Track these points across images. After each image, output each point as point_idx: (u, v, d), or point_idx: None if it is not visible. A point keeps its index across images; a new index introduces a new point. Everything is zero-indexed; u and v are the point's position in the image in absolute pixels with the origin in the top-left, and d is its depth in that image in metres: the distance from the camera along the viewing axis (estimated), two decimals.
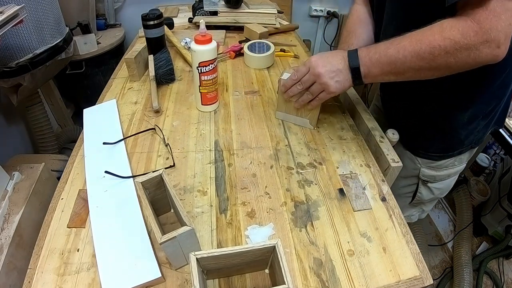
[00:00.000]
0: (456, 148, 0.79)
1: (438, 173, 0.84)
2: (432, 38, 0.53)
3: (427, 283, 0.50)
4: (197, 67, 0.74)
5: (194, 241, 0.47)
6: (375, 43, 0.63)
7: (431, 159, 0.82)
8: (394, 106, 0.88)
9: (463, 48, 0.51)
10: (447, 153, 0.80)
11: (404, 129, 0.80)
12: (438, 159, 0.81)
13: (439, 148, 0.80)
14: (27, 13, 0.90)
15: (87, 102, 0.88)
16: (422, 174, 0.85)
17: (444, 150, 0.80)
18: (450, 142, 0.78)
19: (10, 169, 0.83)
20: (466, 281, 1.34)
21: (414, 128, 0.81)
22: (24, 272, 0.49)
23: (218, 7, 1.33)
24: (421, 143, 0.81)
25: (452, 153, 0.80)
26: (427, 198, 0.90)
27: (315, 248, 0.54)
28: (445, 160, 0.81)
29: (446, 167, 0.83)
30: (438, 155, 0.81)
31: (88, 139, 0.73)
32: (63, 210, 0.58)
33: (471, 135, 0.76)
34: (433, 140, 0.79)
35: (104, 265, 0.49)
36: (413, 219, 1.02)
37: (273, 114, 0.83)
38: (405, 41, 0.56)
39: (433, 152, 0.81)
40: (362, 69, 0.61)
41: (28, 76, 1.14)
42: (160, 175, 0.51)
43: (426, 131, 0.79)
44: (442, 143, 0.78)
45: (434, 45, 0.52)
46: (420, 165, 0.84)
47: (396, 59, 0.57)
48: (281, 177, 0.66)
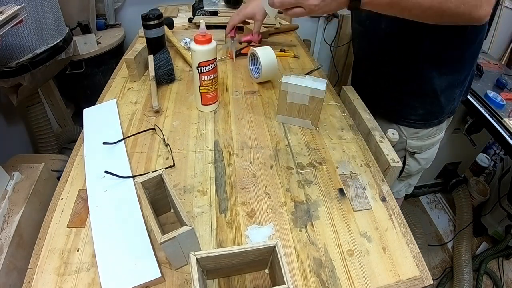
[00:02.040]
0: (437, 116, 0.85)
1: (423, 142, 0.90)
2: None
3: (427, 283, 0.50)
4: (197, 67, 0.74)
5: (194, 241, 0.47)
6: None
7: (414, 127, 0.87)
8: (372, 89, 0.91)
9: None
10: (428, 121, 0.86)
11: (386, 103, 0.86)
12: (421, 127, 0.87)
13: (420, 115, 0.85)
14: (27, 13, 0.90)
15: (87, 102, 0.88)
16: (409, 146, 0.90)
17: (426, 117, 0.85)
18: (431, 109, 0.83)
19: (10, 169, 0.83)
20: (466, 281, 1.35)
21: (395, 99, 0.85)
22: (24, 272, 0.49)
23: (218, 7, 1.33)
24: (403, 112, 0.86)
25: (433, 121, 0.86)
26: (415, 169, 0.96)
27: (315, 248, 0.54)
28: (428, 129, 0.87)
29: (429, 136, 0.89)
30: (420, 123, 0.86)
31: (88, 139, 0.73)
32: (63, 210, 0.58)
33: (449, 103, 0.83)
34: (414, 107, 0.84)
35: (104, 265, 0.49)
36: (401, 195, 1.07)
37: (273, 114, 0.83)
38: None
39: (414, 120, 0.86)
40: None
41: (28, 76, 1.14)
42: (160, 175, 0.51)
43: (407, 100, 0.84)
44: (423, 109, 0.83)
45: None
46: (406, 137, 0.88)
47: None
48: (281, 177, 0.66)
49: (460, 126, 1.37)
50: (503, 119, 1.06)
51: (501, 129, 1.05)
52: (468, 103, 1.18)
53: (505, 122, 1.04)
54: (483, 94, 1.16)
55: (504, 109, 1.11)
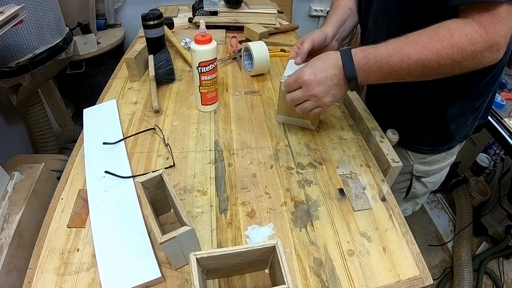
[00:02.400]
0: (446, 143, 0.80)
1: (430, 167, 0.85)
2: (440, 46, 0.50)
3: (427, 283, 0.50)
4: (197, 67, 0.74)
5: (194, 241, 0.47)
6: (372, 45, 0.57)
7: (422, 153, 0.83)
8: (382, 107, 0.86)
9: (469, 55, 0.49)
10: (437, 147, 0.81)
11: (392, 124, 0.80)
12: (429, 153, 0.82)
13: (428, 142, 0.80)
14: (27, 13, 0.90)
15: (87, 102, 0.88)
16: (415, 170, 0.86)
17: (434, 144, 0.81)
18: (440, 136, 0.79)
19: (10, 169, 0.83)
20: (466, 281, 1.35)
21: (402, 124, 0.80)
22: (24, 272, 0.49)
23: (218, 7, 1.33)
24: (411, 137, 0.82)
25: (442, 147, 0.81)
26: (421, 192, 0.92)
27: (315, 248, 0.54)
28: (437, 155, 0.82)
29: (438, 161, 0.84)
30: (429, 149, 0.81)
31: (88, 139, 0.73)
32: (63, 210, 0.58)
33: (460, 130, 0.77)
34: (423, 134, 0.80)
35: (104, 265, 0.49)
36: (407, 213, 1.04)
37: (273, 114, 0.83)
38: (409, 47, 0.52)
39: (423, 146, 0.82)
40: (359, 77, 0.57)
41: (28, 76, 1.14)
42: (160, 175, 0.51)
43: (416, 127, 0.79)
44: (432, 137, 0.79)
45: (441, 54, 0.50)
46: (413, 162, 0.85)
47: (400, 69, 0.54)
48: (281, 177, 0.66)
49: None
50: (503, 119, 1.06)
51: (501, 129, 1.05)
52: None
53: (505, 122, 1.05)
54: None
55: (504, 109, 1.11)
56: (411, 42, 0.53)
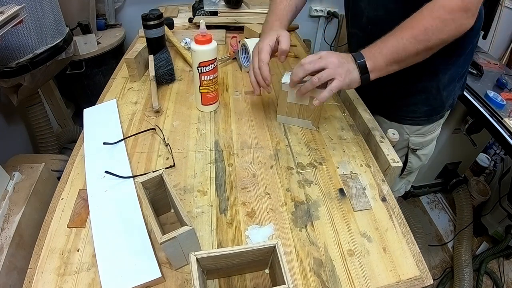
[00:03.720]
0: (439, 111, 0.87)
1: (424, 139, 0.92)
2: (424, 21, 0.58)
3: (427, 283, 0.50)
4: (197, 67, 0.74)
5: (194, 241, 0.47)
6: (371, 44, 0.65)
7: (418, 124, 0.88)
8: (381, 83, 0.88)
9: (450, 22, 0.57)
10: (431, 116, 0.88)
11: (389, 103, 0.88)
12: (425, 123, 0.89)
13: (423, 111, 0.86)
14: (27, 13, 0.90)
15: (87, 102, 0.88)
16: (411, 143, 0.91)
17: (429, 113, 0.87)
18: (434, 104, 0.85)
19: (10, 169, 0.83)
20: (466, 281, 1.35)
21: (399, 98, 0.86)
22: (24, 272, 0.49)
23: (218, 7, 1.33)
24: (407, 111, 0.87)
25: (436, 116, 0.88)
26: (416, 166, 0.98)
27: (315, 248, 0.54)
28: (430, 125, 0.89)
29: (430, 132, 0.91)
30: (425, 119, 0.88)
31: (88, 139, 0.73)
32: (63, 210, 0.58)
33: (449, 97, 0.86)
34: (418, 104, 0.85)
35: (104, 265, 0.49)
36: (401, 192, 1.10)
37: (274, 114, 0.83)
38: (400, 30, 0.61)
39: (419, 117, 0.87)
40: (368, 63, 0.64)
41: (28, 76, 1.14)
42: (160, 175, 0.51)
43: (412, 98, 0.85)
44: (427, 105, 0.85)
45: (427, 27, 0.58)
46: (408, 135, 0.90)
47: (397, 48, 0.61)
48: (281, 177, 0.66)
49: (460, 126, 1.37)
50: (503, 119, 1.06)
51: (501, 129, 1.05)
52: (468, 103, 1.18)
53: (505, 122, 1.04)
54: (483, 94, 1.16)
55: (504, 109, 1.11)
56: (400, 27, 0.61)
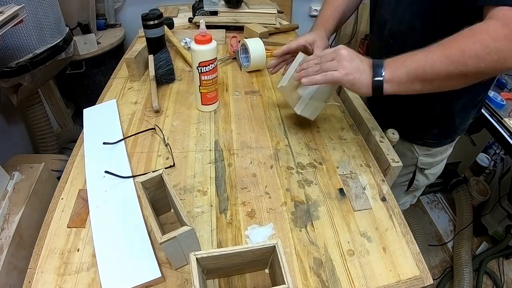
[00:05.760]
0: (450, 135, 0.85)
1: (434, 159, 0.89)
2: (462, 43, 0.51)
3: (427, 283, 0.50)
4: (197, 67, 0.74)
5: (194, 241, 0.47)
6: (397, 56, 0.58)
7: (427, 146, 0.87)
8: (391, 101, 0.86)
9: (493, 51, 0.49)
10: (441, 139, 0.86)
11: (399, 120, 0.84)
12: (435, 146, 0.86)
13: (435, 135, 0.85)
14: (27, 13, 0.90)
15: (87, 102, 0.88)
16: (420, 163, 0.89)
17: (440, 137, 0.85)
18: (446, 129, 0.83)
19: (10, 169, 0.83)
20: (466, 281, 1.35)
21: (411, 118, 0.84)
22: (24, 272, 0.49)
23: (218, 7, 1.33)
24: (418, 133, 0.86)
25: (446, 140, 0.86)
26: (423, 184, 0.96)
27: (315, 248, 0.54)
28: (441, 147, 0.87)
29: (441, 153, 0.89)
30: (435, 142, 0.86)
31: (88, 139, 0.73)
32: (63, 210, 0.58)
33: (463, 122, 0.83)
34: (430, 128, 0.84)
35: (104, 265, 0.49)
36: (406, 206, 1.08)
37: (274, 114, 0.83)
38: (433, 47, 0.54)
39: (429, 139, 0.86)
40: (386, 71, 0.57)
41: (28, 76, 1.14)
42: (160, 175, 0.51)
43: (424, 122, 0.83)
44: (439, 130, 0.83)
45: (464, 49, 0.51)
46: (418, 154, 0.88)
47: (425, 63, 0.54)
48: (281, 177, 0.66)
49: None
50: (503, 119, 1.06)
51: (501, 129, 1.05)
52: None
53: (505, 122, 1.04)
54: None
55: (504, 109, 1.11)
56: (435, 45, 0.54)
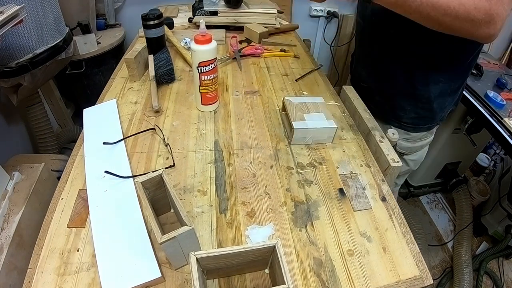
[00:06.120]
0: (427, 121, 0.88)
1: (413, 144, 0.92)
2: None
3: (427, 283, 0.50)
4: (197, 67, 0.74)
5: (194, 241, 0.47)
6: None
7: (404, 129, 0.88)
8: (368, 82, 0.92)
9: (470, 19, 0.55)
10: (418, 125, 0.88)
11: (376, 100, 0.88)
12: (411, 131, 0.89)
13: (411, 118, 0.86)
14: (27, 13, 0.90)
15: (87, 102, 0.88)
16: (399, 147, 0.91)
17: (416, 121, 0.87)
18: (422, 113, 0.85)
19: (10, 169, 0.83)
20: (466, 281, 1.35)
21: (388, 98, 0.87)
22: (24, 272, 0.49)
23: (218, 7, 1.33)
24: (394, 113, 0.88)
25: (423, 126, 0.88)
26: (403, 170, 0.98)
27: (315, 248, 0.54)
28: (418, 133, 0.89)
29: (420, 138, 0.91)
30: (411, 126, 0.87)
31: (88, 139, 0.73)
32: (63, 210, 0.58)
33: (440, 110, 0.85)
34: (406, 110, 0.85)
35: (104, 265, 0.49)
36: None
37: (273, 114, 0.83)
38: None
39: (405, 123, 0.87)
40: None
41: (28, 76, 1.14)
42: (160, 175, 0.51)
43: (400, 102, 0.85)
44: (415, 113, 0.85)
45: (450, 5, 0.55)
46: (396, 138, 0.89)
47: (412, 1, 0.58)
48: (281, 177, 0.66)
49: (460, 126, 1.37)
50: (503, 119, 1.06)
51: (501, 129, 1.05)
52: (468, 103, 1.18)
53: (505, 122, 1.04)
54: (483, 94, 1.16)
55: (504, 109, 1.11)
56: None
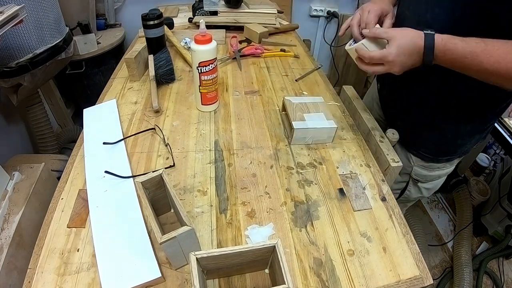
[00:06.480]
0: (446, 154, 0.81)
1: (430, 173, 0.85)
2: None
3: (427, 283, 0.50)
4: (197, 67, 0.74)
5: (194, 241, 0.47)
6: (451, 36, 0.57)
7: (421, 159, 0.83)
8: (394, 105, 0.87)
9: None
10: (437, 157, 0.81)
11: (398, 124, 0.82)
12: (428, 161, 0.82)
13: (431, 149, 0.81)
14: (27, 13, 0.90)
15: (87, 102, 0.88)
16: (414, 173, 0.86)
17: (436, 153, 0.81)
18: (444, 148, 0.80)
19: (10, 169, 0.83)
20: (466, 281, 1.34)
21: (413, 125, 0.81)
22: (24, 272, 0.49)
23: (218, 7, 1.33)
24: (415, 141, 0.82)
25: (442, 158, 0.82)
26: (414, 196, 0.92)
27: (315, 248, 0.54)
28: (436, 163, 0.83)
29: (438, 168, 0.84)
30: (429, 157, 0.82)
31: (88, 139, 0.73)
32: (63, 210, 0.58)
33: (463, 146, 0.79)
34: (428, 140, 0.80)
35: (104, 265, 0.49)
36: None
37: (273, 114, 0.83)
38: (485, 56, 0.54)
39: (424, 152, 0.82)
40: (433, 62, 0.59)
41: (28, 76, 1.14)
42: (160, 175, 0.51)
43: (424, 131, 0.79)
44: (436, 145, 0.80)
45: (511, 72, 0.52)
46: (413, 164, 0.84)
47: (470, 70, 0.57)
48: (281, 177, 0.66)
49: None
50: (503, 119, 1.06)
51: (501, 129, 1.05)
52: None
53: (505, 122, 1.04)
54: None
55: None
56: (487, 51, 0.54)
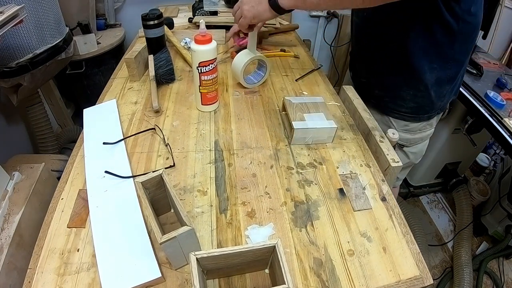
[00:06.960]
0: (426, 110, 0.88)
1: (412, 136, 0.93)
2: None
3: (427, 283, 0.50)
4: (197, 67, 0.74)
5: (194, 241, 0.47)
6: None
7: (404, 120, 0.90)
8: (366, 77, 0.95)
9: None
10: (418, 114, 0.89)
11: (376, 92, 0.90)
12: (411, 120, 0.90)
13: (410, 108, 0.87)
14: (27, 13, 0.90)
15: (87, 102, 0.88)
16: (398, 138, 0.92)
17: (416, 111, 0.88)
18: (421, 102, 0.86)
19: (10, 169, 0.83)
20: (466, 281, 1.34)
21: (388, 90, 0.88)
22: (24, 272, 0.49)
23: (218, 7, 1.33)
24: (395, 104, 0.89)
25: (423, 115, 0.89)
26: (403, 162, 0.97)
27: (315, 248, 0.54)
28: (418, 123, 0.90)
29: (419, 130, 0.92)
30: (410, 116, 0.89)
31: (88, 139, 0.73)
32: (63, 210, 0.58)
33: (439, 99, 0.86)
34: (406, 99, 0.87)
35: (104, 265, 0.49)
36: None
37: (274, 114, 0.83)
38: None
39: (405, 113, 0.89)
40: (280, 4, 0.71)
41: (28, 76, 1.13)
42: (160, 175, 0.51)
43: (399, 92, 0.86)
44: (414, 102, 0.86)
45: None
46: (396, 129, 0.89)
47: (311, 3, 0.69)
48: (281, 177, 0.66)
49: (460, 126, 1.37)
50: (503, 119, 1.06)
51: (501, 129, 1.05)
52: (468, 102, 1.18)
53: (505, 122, 1.04)
54: (483, 94, 1.16)
55: (504, 109, 1.11)
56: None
